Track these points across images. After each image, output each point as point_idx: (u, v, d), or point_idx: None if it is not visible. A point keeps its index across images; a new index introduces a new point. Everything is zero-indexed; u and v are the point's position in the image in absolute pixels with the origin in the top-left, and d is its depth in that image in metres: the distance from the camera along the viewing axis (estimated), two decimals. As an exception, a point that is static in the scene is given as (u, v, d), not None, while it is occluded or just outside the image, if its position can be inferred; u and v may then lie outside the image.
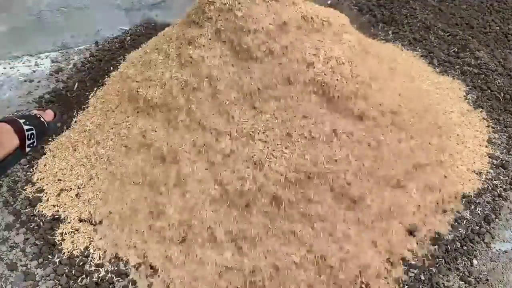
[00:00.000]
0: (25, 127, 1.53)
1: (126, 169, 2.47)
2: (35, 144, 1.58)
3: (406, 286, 2.12)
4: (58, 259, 2.25)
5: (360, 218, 2.20)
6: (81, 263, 2.23)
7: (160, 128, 2.44)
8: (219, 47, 2.35)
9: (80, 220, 2.40)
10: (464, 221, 2.40)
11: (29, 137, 1.54)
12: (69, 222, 2.39)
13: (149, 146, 2.45)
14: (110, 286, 2.15)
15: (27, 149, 1.54)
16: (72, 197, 2.49)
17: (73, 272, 2.19)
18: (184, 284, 2.12)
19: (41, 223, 2.40)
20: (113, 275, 2.18)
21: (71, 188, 2.52)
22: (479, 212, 2.46)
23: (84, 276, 2.18)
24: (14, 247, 2.32)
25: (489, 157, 2.75)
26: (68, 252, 2.28)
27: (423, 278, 2.16)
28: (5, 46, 3.71)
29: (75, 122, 2.87)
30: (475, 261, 2.23)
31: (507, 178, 2.64)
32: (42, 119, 1.68)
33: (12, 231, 2.38)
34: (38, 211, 2.45)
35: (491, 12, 4.07)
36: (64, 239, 2.32)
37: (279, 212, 2.17)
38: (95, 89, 3.12)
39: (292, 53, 2.30)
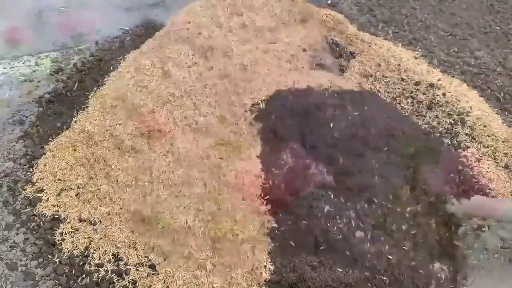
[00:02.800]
0: None
1: (122, 169, 2.47)
2: None
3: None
4: (58, 259, 2.25)
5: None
6: (81, 263, 2.23)
7: (152, 132, 2.46)
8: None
9: (80, 220, 2.40)
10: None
11: None
12: (69, 222, 2.39)
13: (139, 150, 2.46)
14: (110, 286, 2.15)
15: None
16: (72, 197, 2.49)
17: (73, 272, 2.20)
18: (185, 284, 2.12)
19: (41, 223, 2.40)
20: (113, 275, 2.18)
21: (71, 188, 2.52)
22: None
23: (84, 276, 2.18)
24: (14, 247, 2.32)
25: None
26: (68, 252, 2.27)
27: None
28: (5, 46, 3.71)
29: (75, 122, 2.87)
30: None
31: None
32: None
33: (12, 231, 2.38)
34: (38, 211, 2.44)
35: (491, 12, 4.07)
36: (64, 239, 2.32)
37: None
38: (95, 89, 3.11)
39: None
